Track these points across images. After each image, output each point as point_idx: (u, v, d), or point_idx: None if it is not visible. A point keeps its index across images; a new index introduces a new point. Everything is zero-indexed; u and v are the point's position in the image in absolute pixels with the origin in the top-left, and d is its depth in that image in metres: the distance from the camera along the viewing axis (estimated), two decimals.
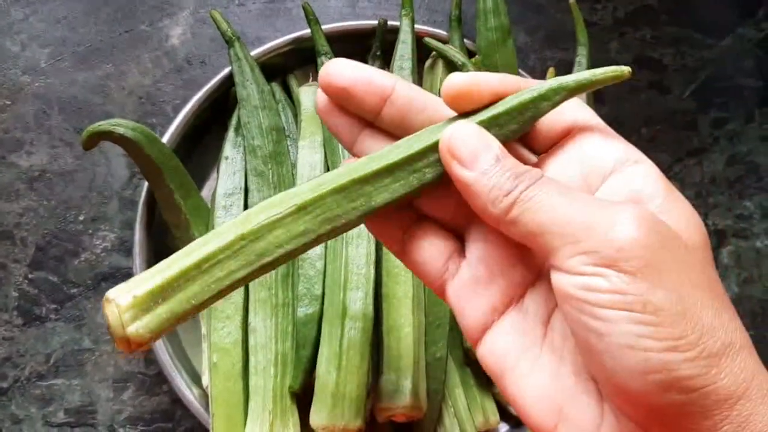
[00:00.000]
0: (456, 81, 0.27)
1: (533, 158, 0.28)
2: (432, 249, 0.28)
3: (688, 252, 0.24)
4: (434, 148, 0.26)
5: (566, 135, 0.27)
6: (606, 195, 0.26)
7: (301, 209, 0.26)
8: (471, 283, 0.27)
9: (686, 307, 0.22)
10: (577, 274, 0.23)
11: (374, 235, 0.30)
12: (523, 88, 0.27)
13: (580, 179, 0.26)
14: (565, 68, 0.54)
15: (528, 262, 0.27)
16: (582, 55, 0.54)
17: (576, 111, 0.27)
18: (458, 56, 0.50)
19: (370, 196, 0.26)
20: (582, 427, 0.24)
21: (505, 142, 0.26)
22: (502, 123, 0.26)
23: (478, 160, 0.25)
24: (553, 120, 0.27)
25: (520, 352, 0.26)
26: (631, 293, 0.22)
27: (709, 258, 0.25)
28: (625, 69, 0.26)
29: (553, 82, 0.26)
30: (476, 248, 0.27)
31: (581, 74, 0.26)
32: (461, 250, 0.28)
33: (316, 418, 0.41)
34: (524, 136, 0.27)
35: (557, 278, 0.24)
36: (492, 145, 0.25)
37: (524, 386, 0.25)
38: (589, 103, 0.52)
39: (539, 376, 0.25)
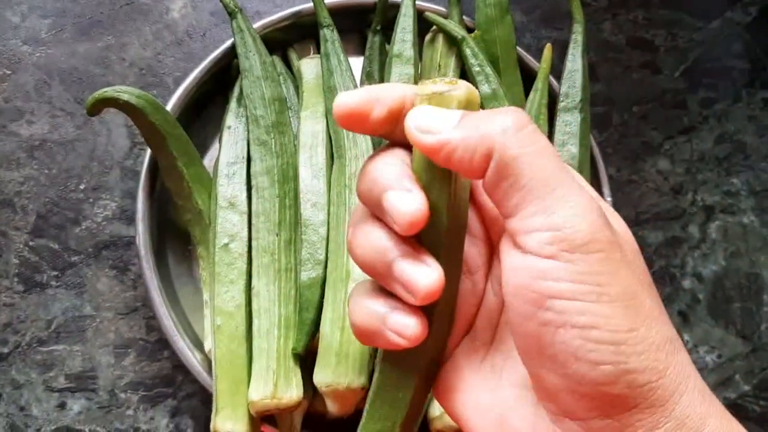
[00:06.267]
0: (346, 101, 0.25)
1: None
2: None
3: (634, 254, 0.25)
4: None
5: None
6: None
7: None
8: None
9: (637, 302, 0.23)
10: (537, 256, 0.22)
11: None
12: (409, 97, 0.25)
13: None
14: (561, 47, 0.55)
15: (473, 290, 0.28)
16: (578, 32, 0.54)
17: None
18: (458, 30, 0.51)
19: None
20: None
21: None
22: None
23: (445, 122, 0.24)
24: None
25: (466, 373, 0.27)
26: (589, 284, 0.22)
27: (644, 263, 0.26)
28: None
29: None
30: None
31: None
32: None
33: (320, 377, 0.42)
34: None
35: (514, 262, 0.23)
36: (452, 111, 0.24)
37: (467, 402, 0.27)
38: (584, 82, 0.53)
39: (481, 392, 0.27)
